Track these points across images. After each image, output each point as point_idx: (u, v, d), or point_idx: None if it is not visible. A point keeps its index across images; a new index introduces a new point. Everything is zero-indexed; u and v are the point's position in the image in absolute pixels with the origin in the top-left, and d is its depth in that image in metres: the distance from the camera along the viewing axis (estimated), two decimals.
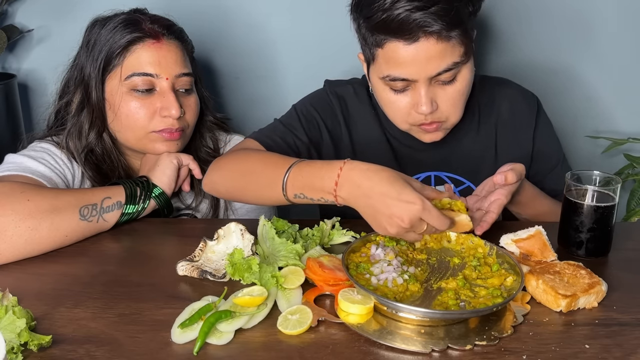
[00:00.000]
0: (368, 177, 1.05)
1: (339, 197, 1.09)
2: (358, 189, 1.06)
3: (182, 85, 1.44)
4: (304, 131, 1.41)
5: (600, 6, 1.83)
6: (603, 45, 1.87)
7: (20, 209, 1.18)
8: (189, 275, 1.12)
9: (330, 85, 1.49)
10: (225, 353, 0.92)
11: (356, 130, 1.45)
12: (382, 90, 1.30)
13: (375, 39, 1.24)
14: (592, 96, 1.92)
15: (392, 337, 0.94)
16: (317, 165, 1.14)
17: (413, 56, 1.20)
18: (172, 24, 1.46)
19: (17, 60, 2.00)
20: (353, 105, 1.46)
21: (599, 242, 1.19)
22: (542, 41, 1.87)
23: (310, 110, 1.44)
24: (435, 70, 1.22)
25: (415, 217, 1.02)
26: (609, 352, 0.92)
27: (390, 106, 1.31)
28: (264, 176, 1.21)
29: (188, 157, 1.46)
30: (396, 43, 1.21)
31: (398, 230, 1.04)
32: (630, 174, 1.87)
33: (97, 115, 1.44)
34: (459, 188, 1.45)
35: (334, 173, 1.09)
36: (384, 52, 1.24)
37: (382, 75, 1.26)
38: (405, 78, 1.24)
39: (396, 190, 1.02)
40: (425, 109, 1.25)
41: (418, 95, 1.25)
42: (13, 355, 0.88)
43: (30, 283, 1.12)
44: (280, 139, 1.38)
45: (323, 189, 1.11)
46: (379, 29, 1.22)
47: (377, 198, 1.04)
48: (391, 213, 1.02)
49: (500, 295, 0.98)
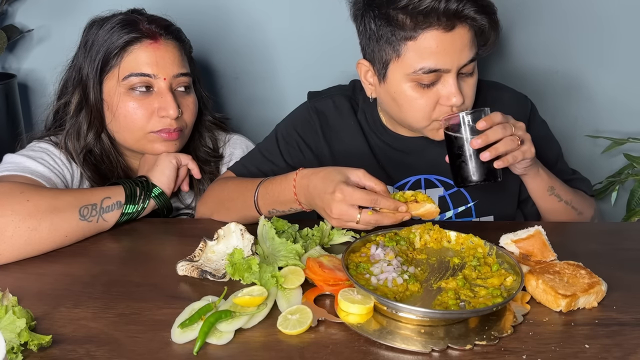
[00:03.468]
0: (310, 180, 1.18)
1: (302, 203, 1.22)
2: (307, 191, 1.18)
3: (180, 86, 1.44)
4: (282, 157, 1.47)
5: (600, 7, 1.83)
6: (603, 45, 1.87)
7: (20, 210, 1.18)
8: (189, 275, 1.12)
9: (311, 100, 1.50)
10: (225, 353, 0.92)
11: (338, 142, 1.46)
12: (406, 89, 1.28)
13: (405, 32, 1.22)
14: (593, 96, 1.92)
15: (392, 337, 0.94)
16: (278, 181, 1.26)
17: (450, 44, 1.22)
18: (170, 24, 1.46)
19: (17, 60, 2.00)
20: (334, 118, 1.47)
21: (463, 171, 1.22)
22: (543, 42, 1.87)
23: (290, 132, 1.48)
24: (466, 59, 1.24)
25: (337, 205, 1.10)
26: (609, 352, 0.92)
27: (414, 104, 1.29)
28: (240, 201, 1.33)
29: (187, 157, 1.46)
30: (433, 32, 1.21)
31: (337, 222, 1.13)
32: (630, 174, 1.87)
33: (95, 116, 1.44)
34: (450, 191, 1.45)
35: (290, 184, 1.22)
36: (416, 43, 1.23)
37: (413, 69, 1.24)
38: (439, 69, 1.23)
39: (326, 185, 1.13)
40: (457, 100, 1.25)
41: (449, 87, 1.25)
42: (13, 355, 0.88)
43: (30, 283, 1.12)
44: (256, 168, 1.47)
45: (288, 200, 1.23)
46: (413, 18, 1.21)
47: (316, 195, 1.15)
48: (323, 206, 1.14)
49: (500, 295, 0.98)
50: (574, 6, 1.84)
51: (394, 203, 1.11)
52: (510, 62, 1.89)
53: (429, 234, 1.16)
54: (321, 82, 1.55)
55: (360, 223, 1.11)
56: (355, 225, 1.12)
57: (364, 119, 1.45)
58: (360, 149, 1.45)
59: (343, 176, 1.13)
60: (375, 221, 1.11)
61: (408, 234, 1.16)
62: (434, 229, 1.16)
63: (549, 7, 1.84)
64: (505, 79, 1.87)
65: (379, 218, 1.11)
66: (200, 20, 1.85)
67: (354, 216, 1.10)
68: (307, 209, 1.23)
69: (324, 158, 1.46)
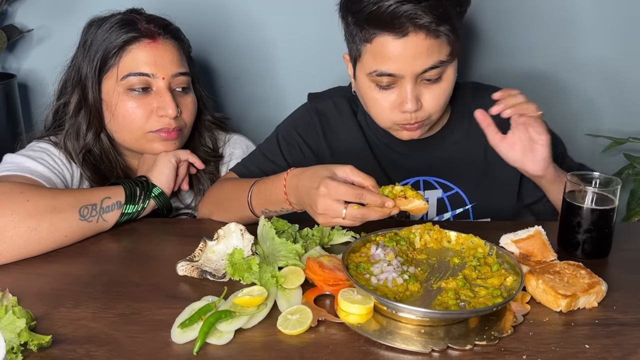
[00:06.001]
0: (299, 178, 1.17)
1: (292, 203, 1.21)
2: (297, 190, 1.17)
3: (179, 85, 1.44)
4: (283, 157, 1.47)
5: (600, 7, 1.83)
6: (604, 45, 1.87)
7: (20, 210, 1.18)
8: (189, 275, 1.12)
9: (312, 101, 1.51)
10: (225, 353, 0.92)
11: (338, 143, 1.47)
12: (368, 87, 1.30)
13: (364, 34, 1.24)
14: (593, 96, 1.92)
15: (392, 337, 0.94)
16: (269, 181, 1.26)
17: (402, 51, 1.21)
18: (169, 24, 1.46)
19: (17, 60, 2.00)
20: (334, 119, 1.48)
21: (597, 244, 1.19)
22: (543, 42, 1.87)
23: (290, 132, 1.49)
24: (422, 66, 1.23)
25: (322, 200, 1.09)
26: (609, 352, 0.92)
27: (375, 104, 1.31)
28: (235, 201, 1.33)
29: (186, 152, 1.46)
30: (385, 37, 1.22)
31: (323, 218, 1.11)
32: (630, 174, 1.87)
33: (94, 116, 1.43)
34: (448, 193, 1.45)
35: (281, 184, 1.21)
36: (372, 46, 1.24)
37: (369, 70, 1.26)
38: (392, 73, 1.24)
39: (312, 181, 1.12)
40: (410, 107, 1.26)
41: (404, 93, 1.26)
42: (13, 355, 0.88)
43: (30, 283, 1.12)
44: (257, 168, 1.47)
45: (279, 201, 1.23)
46: (368, 23, 1.22)
47: (304, 193, 1.14)
48: (310, 203, 1.12)
49: (500, 295, 0.98)
50: (575, 8, 1.84)
51: (381, 198, 1.09)
52: (509, 61, 1.89)
53: (429, 234, 1.16)
54: (321, 81, 1.55)
55: (346, 218, 1.09)
56: (342, 222, 1.10)
57: (364, 120, 1.46)
58: (361, 150, 1.46)
59: (329, 172, 1.12)
60: (362, 215, 1.09)
61: (408, 234, 1.16)
62: (434, 229, 1.16)
63: (548, 7, 1.84)
64: (505, 79, 1.87)
65: (366, 212, 1.09)
66: (200, 19, 1.85)
67: (339, 211, 1.08)
68: (298, 209, 1.22)
69: (325, 158, 1.47)
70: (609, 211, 1.17)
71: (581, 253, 1.19)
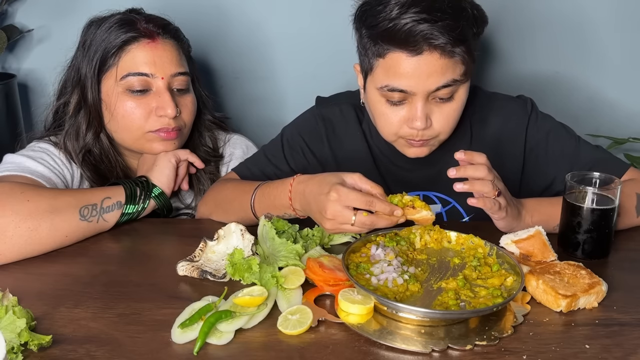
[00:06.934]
0: (307, 185, 1.18)
1: (296, 209, 1.22)
2: (303, 197, 1.18)
3: (178, 85, 1.44)
4: (286, 161, 1.47)
5: (600, 7, 1.83)
6: (604, 45, 1.87)
7: (21, 210, 1.18)
8: (189, 275, 1.12)
9: (318, 107, 1.50)
10: (225, 353, 0.92)
11: (341, 150, 1.47)
12: (377, 101, 1.28)
13: (377, 48, 1.23)
14: (593, 96, 1.92)
15: (392, 337, 0.94)
16: (274, 185, 1.27)
17: (415, 69, 1.19)
18: (168, 24, 1.46)
19: (17, 60, 2.00)
20: (339, 126, 1.47)
21: (597, 244, 1.19)
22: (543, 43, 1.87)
23: (295, 137, 1.48)
24: (434, 85, 1.21)
25: (332, 205, 1.09)
26: (609, 352, 0.92)
27: (383, 118, 1.29)
28: (237, 203, 1.34)
29: (185, 152, 1.46)
30: (399, 54, 1.20)
31: (331, 223, 1.11)
32: None
33: (94, 116, 1.43)
34: (446, 208, 1.45)
35: (286, 189, 1.22)
36: (385, 62, 1.22)
37: (380, 85, 1.25)
38: (404, 90, 1.22)
39: (321, 187, 1.13)
40: (420, 125, 1.24)
41: (414, 110, 1.24)
42: (13, 355, 0.88)
43: (30, 283, 1.12)
44: (259, 170, 1.46)
45: (282, 206, 1.23)
46: (383, 39, 1.21)
47: (312, 199, 1.15)
48: (318, 208, 1.13)
49: (500, 296, 0.98)
50: (574, 8, 1.84)
51: (390, 206, 1.11)
52: (510, 63, 1.89)
53: (429, 235, 1.16)
54: (321, 82, 1.55)
55: (355, 225, 1.10)
56: (350, 228, 1.11)
57: (369, 130, 1.45)
58: (364, 159, 1.45)
59: (339, 179, 1.12)
60: (371, 223, 1.10)
61: (408, 235, 1.16)
62: (434, 230, 1.16)
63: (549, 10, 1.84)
64: (506, 80, 1.88)
65: (374, 220, 1.10)
66: (200, 19, 1.85)
67: (349, 217, 1.09)
68: (301, 215, 1.22)
69: (328, 165, 1.46)
70: (609, 211, 1.17)
71: (581, 253, 1.19)
